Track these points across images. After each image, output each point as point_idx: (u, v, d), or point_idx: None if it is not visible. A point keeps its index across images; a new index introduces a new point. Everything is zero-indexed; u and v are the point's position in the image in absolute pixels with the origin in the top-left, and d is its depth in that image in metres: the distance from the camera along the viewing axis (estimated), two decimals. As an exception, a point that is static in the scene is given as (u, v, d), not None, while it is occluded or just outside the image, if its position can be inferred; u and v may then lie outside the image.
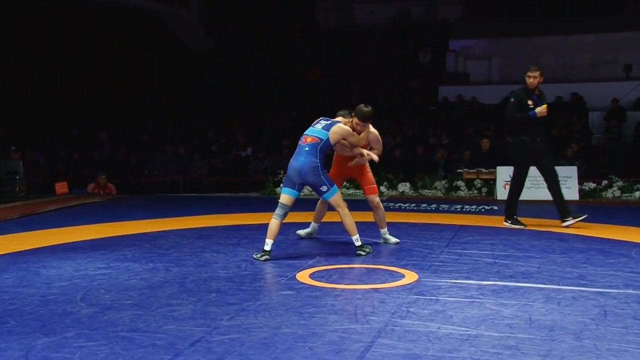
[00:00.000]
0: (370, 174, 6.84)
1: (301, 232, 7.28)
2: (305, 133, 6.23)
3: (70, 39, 17.06)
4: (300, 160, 6.10)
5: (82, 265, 5.96)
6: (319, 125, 6.25)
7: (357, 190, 11.67)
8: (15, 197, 10.91)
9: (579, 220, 7.81)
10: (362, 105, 6.46)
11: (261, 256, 6.10)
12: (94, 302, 4.74)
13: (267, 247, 6.11)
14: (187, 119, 18.25)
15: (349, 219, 6.19)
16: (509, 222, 8.05)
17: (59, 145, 15.72)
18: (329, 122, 6.27)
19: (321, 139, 6.12)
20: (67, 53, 17.06)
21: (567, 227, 7.76)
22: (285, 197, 6.21)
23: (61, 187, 11.94)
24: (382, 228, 6.94)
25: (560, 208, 7.90)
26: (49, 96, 16.61)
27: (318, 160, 6.08)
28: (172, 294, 4.97)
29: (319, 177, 6.09)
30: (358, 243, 6.23)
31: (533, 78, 7.73)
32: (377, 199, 6.83)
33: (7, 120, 12.46)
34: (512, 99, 7.88)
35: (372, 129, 6.59)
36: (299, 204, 7.04)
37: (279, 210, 6.18)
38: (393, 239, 6.92)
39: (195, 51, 21.94)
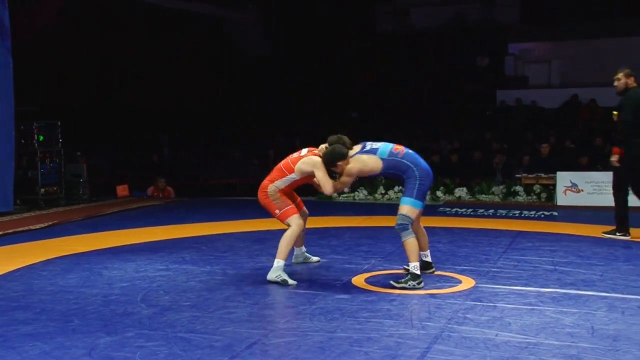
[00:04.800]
0: None
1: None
2: (390, 145, 5.40)
3: (131, 48, 17.50)
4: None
5: (142, 267, 6.10)
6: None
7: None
8: (79, 200, 11.26)
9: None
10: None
11: (417, 283, 5.18)
12: (154, 303, 4.84)
13: (417, 271, 5.22)
14: (244, 123, 18.50)
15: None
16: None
17: (120, 150, 16.14)
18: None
19: None
20: (128, 61, 17.50)
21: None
22: (417, 211, 5.32)
23: (122, 190, 12.23)
24: (302, 246, 6.21)
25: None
26: (111, 103, 17.09)
27: None
28: (229, 296, 5.04)
29: None
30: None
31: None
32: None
33: (72, 125, 12.88)
34: None
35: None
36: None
37: (410, 227, 5.24)
38: (314, 258, 6.24)
39: (254, 56, 22.21)
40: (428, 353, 3.69)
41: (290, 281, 5.35)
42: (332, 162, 5.42)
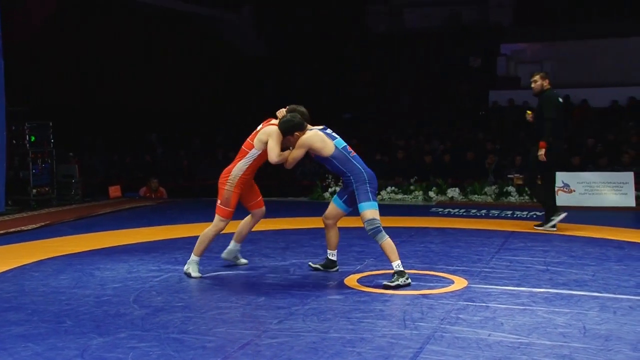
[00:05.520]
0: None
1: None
2: (344, 143, 5.56)
3: (123, 46, 17.46)
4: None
5: (135, 268, 6.09)
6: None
7: (406, 196, 11.59)
8: (71, 200, 11.22)
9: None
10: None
11: (405, 279, 5.23)
12: (146, 303, 4.83)
13: (401, 267, 5.27)
14: (238, 123, 18.46)
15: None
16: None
17: (113, 150, 16.08)
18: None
19: None
20: (121, 60, 17.46)
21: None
22: (378, 211, 5.40)
23: (114, 191, 12.19)
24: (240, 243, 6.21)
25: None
26: (103, 102, 17.03)
27: None
28: (222, 297, 5.04)
29: None
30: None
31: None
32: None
33: (64, 125, 12.84)
34: None
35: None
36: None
37: (382, 229, 5.30)
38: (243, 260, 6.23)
39: (247, 57, 22.18)
40: (421, 353, 3.70)
41: (195, 274, 5.63)
42: (289, 131, 5.47)
